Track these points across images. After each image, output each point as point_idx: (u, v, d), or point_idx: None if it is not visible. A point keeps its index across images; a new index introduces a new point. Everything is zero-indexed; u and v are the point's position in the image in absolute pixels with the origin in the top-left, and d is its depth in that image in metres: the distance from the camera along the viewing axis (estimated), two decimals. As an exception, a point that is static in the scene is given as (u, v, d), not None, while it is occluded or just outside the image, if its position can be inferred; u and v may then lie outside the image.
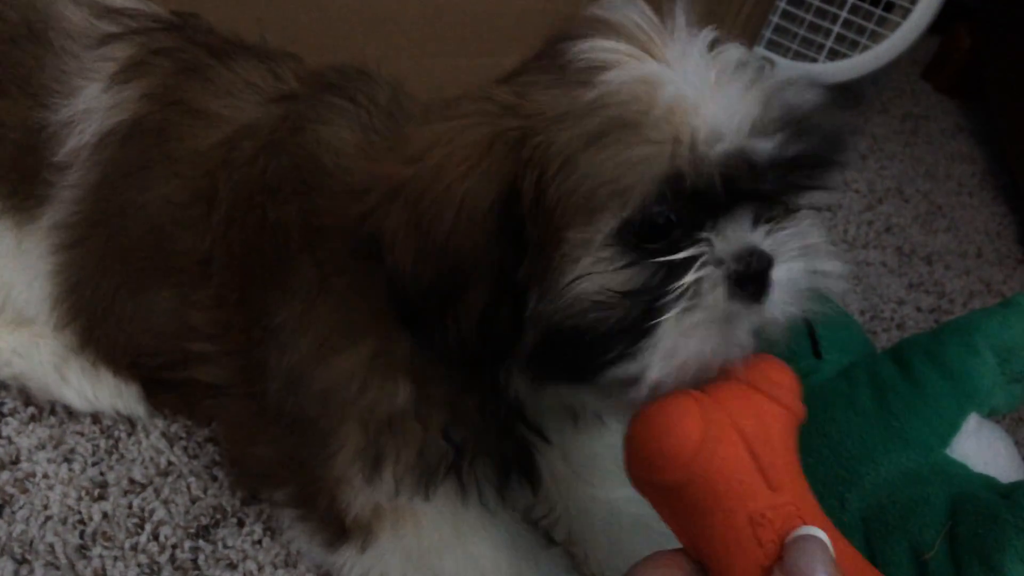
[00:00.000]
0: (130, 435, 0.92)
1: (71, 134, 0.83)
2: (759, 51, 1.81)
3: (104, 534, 0.83)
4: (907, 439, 0.84)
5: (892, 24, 1.81)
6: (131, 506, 0.86)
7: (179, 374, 0.88)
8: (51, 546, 0.81)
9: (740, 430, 0.51)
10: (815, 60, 1.85)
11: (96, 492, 0.87)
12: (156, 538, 0.84)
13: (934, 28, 1.81)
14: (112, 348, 0.89)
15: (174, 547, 0.84)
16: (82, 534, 0.83)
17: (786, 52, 1.84)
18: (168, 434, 0.93)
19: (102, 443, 0.91)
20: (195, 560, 0.83)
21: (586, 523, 0.87)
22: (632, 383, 0.55)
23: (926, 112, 2.06)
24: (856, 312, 1.37)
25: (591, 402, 0.68)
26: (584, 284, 0.55)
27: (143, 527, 0.85)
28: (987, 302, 1.49)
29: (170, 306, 0.84)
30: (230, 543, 0.85)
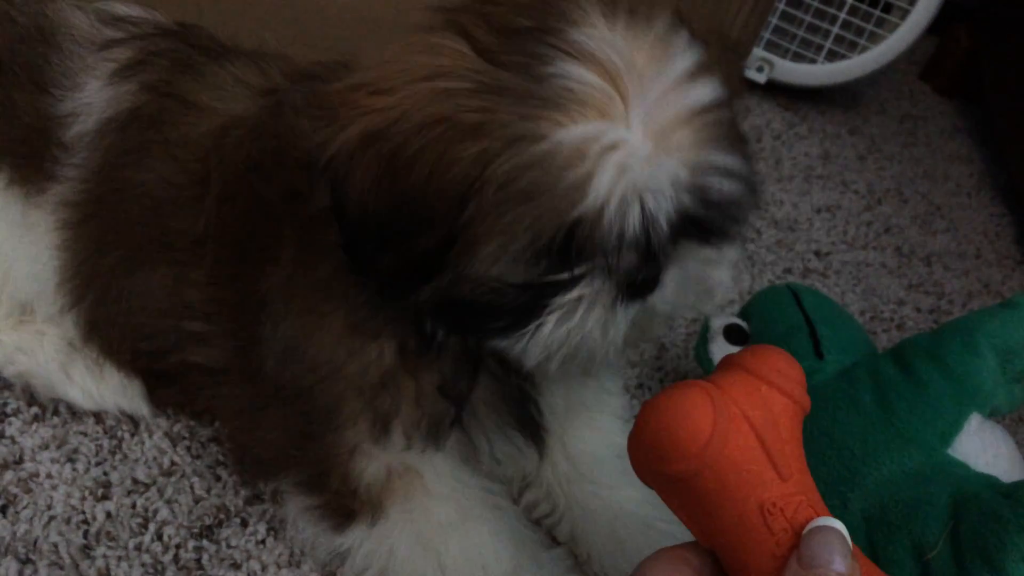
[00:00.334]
0: (133, 435, 0.93)
1: (75, 122, 0.88)
2: (758, 52, 1.82)
3: (108, 534, 0.84)
4: (909, 439, 0.84)
5: (890, 25, 1.81)
6: (135, 506, 0.86)
7: (176, 358, 0.88)
8: (55, 546, 0.81)
9: (750, 420, 0.51)
10: (814, 61, 1.85)
11: (100, 492, 0.87)
12: (160, 538, 0.84)
13: (932, 29, 1.82)
14: (113, 333, 0.90)
15: (178, 547, 0.84)
16: (86, 534, 0.83)
17: (785, 53, 1.85)
18: (171, 434, 0.94)
19: (105, 443, 0.91)
20: (199, 560, 0.84)
21: (589, 523, 0.88)
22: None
23: (924, 113, 2.07)
24: (856, 312, 1.38)
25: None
26: (490, 276, 0.63)
27: (147, 527, 0.85)
28: (986, 302, 1.50)
29: (166, 283, 0.86)
30: (234, 543, 0.86)
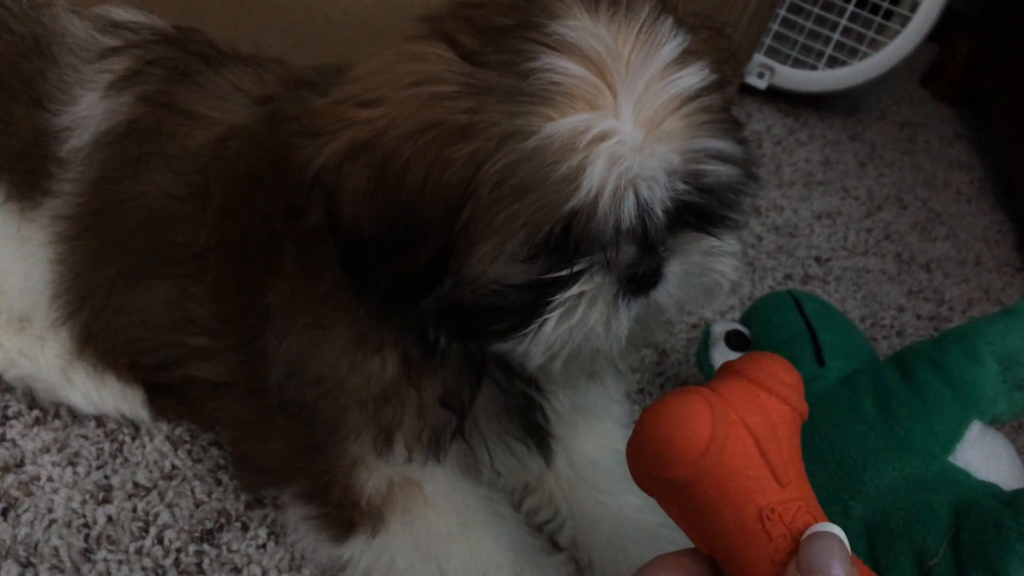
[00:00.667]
0: (134, 439, 0.93)
1: (71, 136, 0.87)
2: (759, 59, 1.82)
3: (108, 538, 0.83)
4: (910, 446, 0.84)
5: (891, 32, 1.82)
6: (135, 510, 0.86)
7: (178, 372, 0.88)
8: (55, 549, 0.81)
9: (748, 427, 0.51)
10: (815, 67, 1.85)
11: (100, 496, 0.87)
12: (160, 542, 0.84)
13: (933, 36, 1.82)
14: (111, 345, 0.90)
15: (178, 551, 0.84)
16: (87, 538, 0.83)
17: (786, 59, 1.85)
18: (172, 438, 0.94)
19: (106, 447, 0.91)
20: (199, 564, 0.83)
21: (591, 529, 0.88)
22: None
23: (924, 120, 2.07)
24: (856, 319, 1.38)
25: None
26: (489, 278, 0.63)
27: (147, 531, 0.85)
28: (986, 309, 1.50)
29: (168, 298, 0.85)
30: (234, 547, 0.85)
